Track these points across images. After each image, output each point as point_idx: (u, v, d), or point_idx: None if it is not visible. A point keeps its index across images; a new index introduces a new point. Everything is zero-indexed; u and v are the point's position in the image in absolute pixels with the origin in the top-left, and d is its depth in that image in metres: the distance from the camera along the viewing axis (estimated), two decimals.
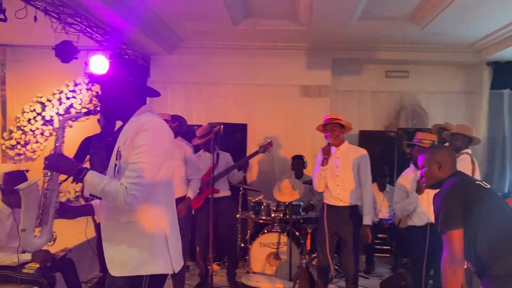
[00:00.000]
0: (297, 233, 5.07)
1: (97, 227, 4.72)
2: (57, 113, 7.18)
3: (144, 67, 2.20)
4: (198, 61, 7.08)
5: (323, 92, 6.97)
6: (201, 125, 6.58)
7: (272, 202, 5.31)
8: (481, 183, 2.44)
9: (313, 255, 5.16)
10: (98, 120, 4.75)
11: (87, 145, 4.71)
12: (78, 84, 7.12)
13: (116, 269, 1.99)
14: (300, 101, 7.06)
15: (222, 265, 5.69)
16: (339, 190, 4.06)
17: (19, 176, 3.58)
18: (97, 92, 7.12)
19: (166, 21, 5.90)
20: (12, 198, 3.51)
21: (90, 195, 1.94)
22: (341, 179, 4.07)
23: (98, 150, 4.70)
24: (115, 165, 2.05)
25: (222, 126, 5.57)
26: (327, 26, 5.84)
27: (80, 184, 3.51)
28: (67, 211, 2.14)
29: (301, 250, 4.90)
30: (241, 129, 6.60)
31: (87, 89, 7.08)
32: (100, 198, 1.95)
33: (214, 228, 4.56)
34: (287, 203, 5.07)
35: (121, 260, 1.99)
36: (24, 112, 7.24)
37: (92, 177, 1.94)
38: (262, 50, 6.97)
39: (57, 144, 2.10)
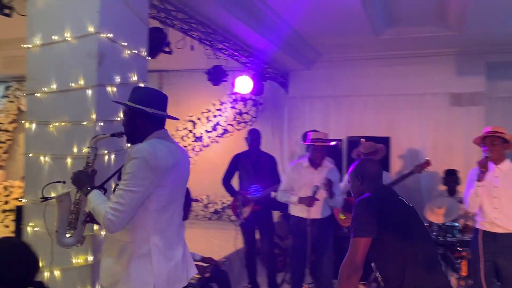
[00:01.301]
0: (452, 257, 4.62)
1: (246, 238, 4.99)
2: (206, 131, 7.77)
3: (160, 95, 2.34)
4: (337, 74, 7.01)
5: (476, 100, 6.30)
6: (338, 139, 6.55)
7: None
8: (403, 199, 2.51)
9: (470, 282, 4.65)
10: (246, 138, 4.98)
11: (236, 162, 4.98)
12: (224, 103, 7.62)
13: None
14: (449, 110, 6.49)
15: (367, 285, 5.47)
16: (496, 214, 3.60)
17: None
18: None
19: (305, 38, 5.98)
20: None
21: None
22: (500, 202, 3.61)
23: (246, 166, 4.94)
24: (116, 185, 2.19)
25: (363, 139, 5.41)
26: (481, 28, 5.30)
27: None
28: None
29: (457, 276, 4.45)
30: (384, 142, 6.30)
31: (232, 107, 7.53)
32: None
33: None
34: (441, 224, 4.67)
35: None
36: (178, 130, 7.99)
37: (92, 195, 2.13)
38: (405, 58, 6.61)
39: (88, 162, 2.33)
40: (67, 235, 2.31)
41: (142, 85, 3.17)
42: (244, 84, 5.91)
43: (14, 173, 8.33)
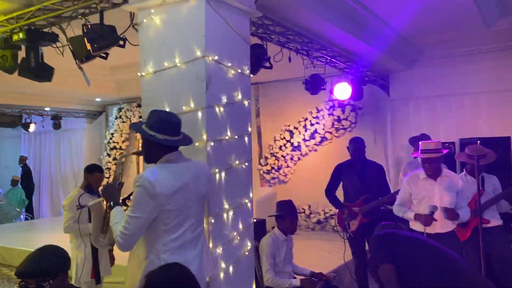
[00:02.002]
0: None
1: (355, 250, 4.80)
2: (303, 139, 7.71)
3: (172, 120, 2.41)
4: (442, 72, 6.53)
5: None
6: (452, 142, 6.07)
7: None
8: None
9: None
10: (348, 147, 4.82)
11: (339, 172, 4.84)
12: (321, 110, 7.50)
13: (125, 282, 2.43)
14: None
15: None
16: None
17: (289, 204, 3.90)
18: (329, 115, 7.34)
19: (407, 37, 5.66)
20: (285, 223, 3.83)
21: None
22: None
23: (350, 177, 4.77)
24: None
25: (479, 141, 4.92)
26: None
27: None
28: None
29: None
30: (503, 143, 5.72)
31: (329, 114, 7.38)
32: None
33: (486, 262, 3.99)
34: None
35: (128, 279, 2.41)
36: (276, 140, 8.04)
37: (113, 212, 2.39)
38: None
39: (115, 176, 2.67)
40: (101, 238, 2.67)
41: (246, 103, 3.22)
42: (343, 90, 5.76)
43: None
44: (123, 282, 2.47)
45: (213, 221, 2.78)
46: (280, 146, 7.99)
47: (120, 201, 2.48)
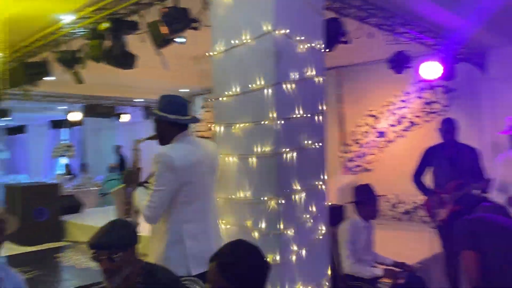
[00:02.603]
0: None
1: (445, 243, 4.41)
2: (390, 125, 7.28)
3: (181, 102, 2.64)
4: None
5: None
6: None
7: None
8: None
9: None
10: (439, 129, 4.41)
11: (429, 156, 4.46)
12: (408, 94, 7.01)
13: (149, 257, 2.52)
14: None
15: None
16: None
17: (367, 188, 3.67)
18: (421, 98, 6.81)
19: (510, 8, 5.01)
20: (365, 209, 3.61)
21: None
22: None
23: (440, 161, 4.37)
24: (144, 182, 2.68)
25: None
26: None
27: None
28: None
29: None
30: None
31: (418, 97, 6.87)
32: None
33: None
34: None
35: (151, 253, 2.54)
36: (359, 126, 7.69)
37: (137, 193, 2.60)
38: None
39: (134, 161, 2.78)
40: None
41: (320, 79, 3.05)
42: (432, 69, 5.30)
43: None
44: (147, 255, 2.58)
45: (283, 201, 2.67)
46: (364, 133, 7.63)
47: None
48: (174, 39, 4.00)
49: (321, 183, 3.02)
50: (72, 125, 15.11)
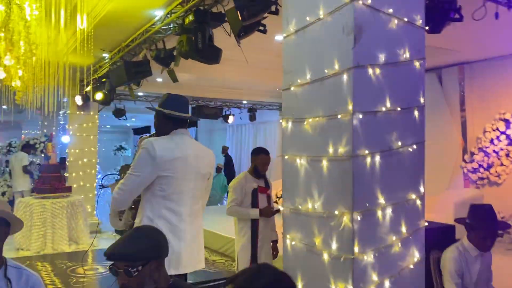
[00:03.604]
0: None
1: None
2: None
3: (180, 99, 2.61)
4: None
5: None
6: None
7: None
8: None
9: None
10: None
11: None
12: None
13: None
14: None
15: None
16: None
17: (486, 211, 2.85)
18: None
19: None
20: (477, 236, 2.81)
21: None
22: None
23: None
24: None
25: None
26: None
27: None
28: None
29: None
30: None
31: None
32: None
33: None
34: None
35: None
36: (486, 131, 6.52)
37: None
38: None
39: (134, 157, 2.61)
40: (118, 219, 2.71)
41: (418, 64, 2.40)
42: None
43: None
44: None
45: (359, 218, 2.09)
46: (492, 139, 6.44)
47: None
48: (259, 29, 3.63)
49: (415, 196, 2.36)
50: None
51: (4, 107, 7.97)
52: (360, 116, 2.11)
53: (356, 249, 2.08)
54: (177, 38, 4.49)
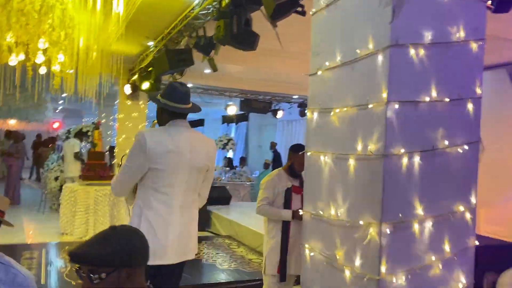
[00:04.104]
0: None
1: None
2: None
3: (178, 90, 2.44)
4: None
5: None
6: None
7: None
8: None
9: None
10: None
11: None
12: None
13: None
14: None
15: None
16: None
17: None
18: None
19: None
20: None
21: None
22: None
23: None
24: None
25: None
26: None
27: None
28: None
29: None
30: None
31: None
32: None
33: None
34: None
35: None
36: None
37: None
38: None
39: None
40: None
41: (475, 46, 1.95)
42: None
43: None
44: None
45: (388, 231, 1.70)
46: None
47: None
48: (297, 10, 3.28)
49: (464, 208, 1.92)
50: (239, 120, 15.81)
51: (64, 95, 8.20)
52: (397, 106, 1.72)
53: (383, 268, 1.70)
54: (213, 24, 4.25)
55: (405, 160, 1.75)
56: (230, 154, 14.19)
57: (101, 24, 5.52)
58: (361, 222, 1.76)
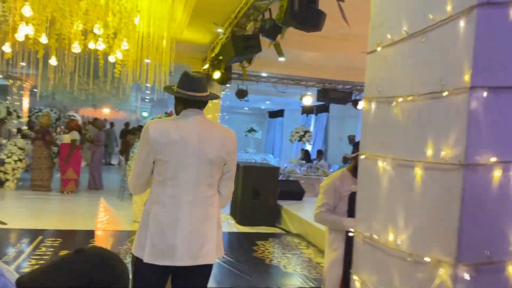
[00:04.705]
0: None
1: None
2: None
3: (188, 77, 2.27)
4: None
5: None
6: None
7: None
8: None
9: None
10: None
11: None
12: None
13: None
14: None
15: None
16: None
17: None
18: None
19: None
20: None
21: None
22: None
23: None
24: None
25: None
26: None
27: None
28: None
29: None
30: None
31: None
32: None
33: None
34: None
35: None
36: None
37: None
38: None
39: None
40: None
41: None
42: None
43: None
44: None
45: (468, 275, 1.16)
46: None
47: None
48: None
49: None
50: (319, 111, 15.20)
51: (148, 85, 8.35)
52: (485, 94, 1.17)
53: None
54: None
55: (496, 173, 1.20)
56: (308, 146, 13.70)
57: (170, 11, 5.37)
58: (427, 259, 1.25)
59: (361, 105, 9.85)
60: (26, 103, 13.07)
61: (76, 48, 4.28)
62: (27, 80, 12.35)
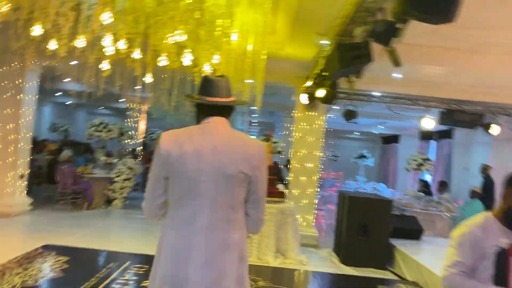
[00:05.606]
0: None
1: None
2: None
3: (204, 82, 2.02)
4: None
5: None
6: None
7: None
8: None
9: None
10: None
11: None
12: None
13: None
14: None
15: None
16: None
17: None
18: None
19: None
20: None
21: None
22: None
23: None
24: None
25: None
26: None
27: None
28: None
29: None
30: None
31: None
32: None
33: None
34: None
35: None
36: None
37: None
38: None
39: None
40: None
41: None
42: None
43: None
44: None
45: None
46: None
47: None
48: None
49: None
50: (441, 136, 13.50)
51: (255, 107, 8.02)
52: None
53: None
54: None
55: None
56: (427, 177, 12.14)
57: (268, 24, 4.84)
58: None
59: (496, 129, 8.28)
60: (142, 124, 13.70)
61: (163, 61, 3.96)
62: (144, 102, 12.94)
